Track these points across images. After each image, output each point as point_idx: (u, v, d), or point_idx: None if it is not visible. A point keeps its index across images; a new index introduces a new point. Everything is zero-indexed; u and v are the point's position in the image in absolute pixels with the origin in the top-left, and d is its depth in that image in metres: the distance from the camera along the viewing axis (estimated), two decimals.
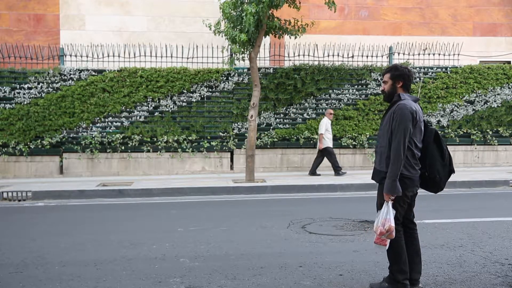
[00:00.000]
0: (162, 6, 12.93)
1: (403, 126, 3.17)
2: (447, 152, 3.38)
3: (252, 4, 8.62)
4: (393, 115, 3.25)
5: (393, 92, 3.40)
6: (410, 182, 3.28)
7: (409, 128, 3.17)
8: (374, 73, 11.22)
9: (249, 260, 4.30)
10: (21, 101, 10.36)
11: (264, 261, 4.27)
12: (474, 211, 6.63)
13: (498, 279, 3.82)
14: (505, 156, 11.59)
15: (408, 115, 3.17)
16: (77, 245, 4.88)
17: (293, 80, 10.92)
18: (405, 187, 3.26)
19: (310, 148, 11.14)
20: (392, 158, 3.18)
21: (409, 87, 3.40)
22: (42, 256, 4.56)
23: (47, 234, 5.51)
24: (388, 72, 3.43)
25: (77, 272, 4.07)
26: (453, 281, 3.76)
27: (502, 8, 13.93)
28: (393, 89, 3.40)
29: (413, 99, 3.34)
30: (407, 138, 3.17)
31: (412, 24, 13.74)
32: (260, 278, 3.82)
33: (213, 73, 10.84)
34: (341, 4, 12.53)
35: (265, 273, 3.94)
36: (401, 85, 3.38)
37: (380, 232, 3.20)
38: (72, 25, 12.67)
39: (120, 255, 4.52)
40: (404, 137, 3.16)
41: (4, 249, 4.81)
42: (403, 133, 3.16)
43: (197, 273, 3.96)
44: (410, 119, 3.17)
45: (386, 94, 3.45)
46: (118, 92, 10.56)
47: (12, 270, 4.13)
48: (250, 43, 9.28)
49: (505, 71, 11.43)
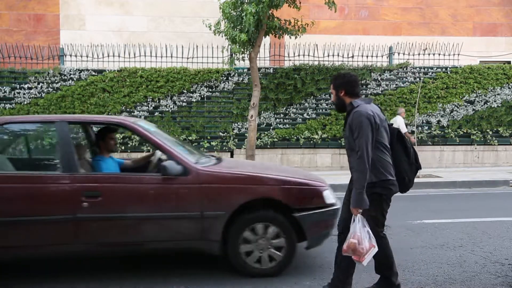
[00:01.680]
0: (162, 6, 12.94)
1: (363, 135, 3.02)
2: (412, 150, 3.33)
3: (252, 4, 8.62)
4: (351, 126, 3.12)
5: (341, 102, 3.31)
6: (395, 188, 3.21)
7: (370, 136, 3.03)
8: (374, 73, 11.22)
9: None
10: (21, 101, 10.36)
11: None
12: (474, 211, 6.62)
13: (498, 279, 3.82)
14: (505, 156, 11.59)
15: (366, 122, 3.04)
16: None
17: (293, 80, 10.92)
18: (391, 193, 3.20)
19: (310, 148, 11.14)
20: (356, 170, 3.03)
21: (354, 93, 3.26)
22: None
23: None
24: (331, 83, 3.39)
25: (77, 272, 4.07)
26: (453, 281, 3.76)
27: (502, 8, 13.93)
28: (338, 99, 3.31)
29: (367, 101, 3.23)
30: (369, 148, 3.02)
31: (412, 24, 13.74)
32: None
33: (213, 73, 10.84)
34: (341, 4, 12.53)
35: None
36: (343, 93, 3.26)
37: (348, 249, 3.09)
38: (72, 25, 12.68)
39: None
40: (367, 147, 3.01)
41: None
42: (364, 144, 3.01)
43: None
44: (369, 125, 3.04)
45: (335, 105, 3.38)
46: (118, 92, 10.56)
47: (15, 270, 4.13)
48: (250, 43, 9.27)
49: (505, 71, 11.43)
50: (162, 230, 3.74)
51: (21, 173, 3.96)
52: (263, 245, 3.81)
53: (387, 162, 3.17)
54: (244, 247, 3.80)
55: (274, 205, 3.85)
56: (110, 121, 4.37)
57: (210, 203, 3.71)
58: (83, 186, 3.64)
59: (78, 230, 3.63)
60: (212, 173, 3.83)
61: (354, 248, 3.06)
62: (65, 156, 3.75)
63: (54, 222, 3.60)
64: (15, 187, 3.64)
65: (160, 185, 3.72)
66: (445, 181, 9.21)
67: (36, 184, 3.66)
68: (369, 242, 3.05)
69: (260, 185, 3.87)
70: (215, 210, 3.72)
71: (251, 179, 3.89)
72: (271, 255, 3.83)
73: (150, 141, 3.96)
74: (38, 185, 3.65)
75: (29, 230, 3.62)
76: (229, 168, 4.07)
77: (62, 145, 3.81)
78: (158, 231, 3.73)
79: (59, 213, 3.60)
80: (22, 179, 3.73)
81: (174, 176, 3.69)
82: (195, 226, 3.73)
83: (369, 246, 3.04)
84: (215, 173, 3.86)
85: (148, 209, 3.71)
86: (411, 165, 3.30)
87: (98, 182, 3.72)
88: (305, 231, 3.84)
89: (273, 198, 3.83)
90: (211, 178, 3.76)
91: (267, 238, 3.81)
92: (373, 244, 3.06)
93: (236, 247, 3.78)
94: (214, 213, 3.71)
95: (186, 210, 3.72)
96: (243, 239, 3.79)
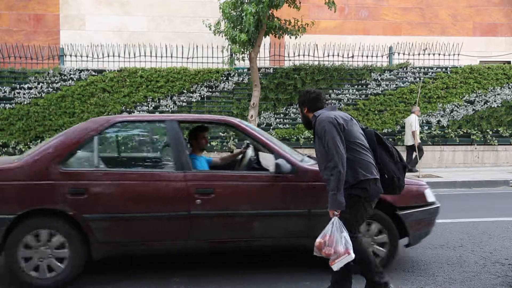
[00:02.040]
0: (162, 6, 12.94)
1: (330, 138, 3.02)
2: (394, 149, 3.34)
3: (252, 4, 8.62)
4: (318, 135, 3.13)
5: (306, 119, 3.41)
6: (375, 188, 3.13)
7: (337, 137, 3.02)
8: (374, 73, 11.22)
9: None
10: (21, 101, 10.36)
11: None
12: (474, 211, 6.63)
13: (498, 279, 3.82)
14: (505, 156, 11.59)
15: (329, 125, 3.05)
16: None
17: (293, 80, 10.92)
18: (371, 194, 3.13)
19: (311, 148, 11.12)
20: (330, 172, 2.99)
21: (316, 108, 3.30)
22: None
23: None
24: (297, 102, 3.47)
25: None
26: (453, 281, 3.76)
27: (502, 8, 13.93)
28: (304, 116, 3.43)
29: (330, 109, 3.27)
30: (340, 148, 2.99)
31: (412, 24, 13.74)
32: None
33: (213, 73, 10.84)
34: (341, 4, 12.53)
35: None
36: (306, 110, 3.36)
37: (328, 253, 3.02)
38: (72, 25, 12.68)
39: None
40: (336, 147, 2.98)
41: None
42: (333, 144, 3.00)
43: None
44: (333, 127, 3.04)
45: (303, 122, 3.50)
46: (118, 92, 10.56)
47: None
48: (250, 43, 9.27)
49: (505, 71, 11.43)
50: (270, 227, 3.83)
51: (138, 171, 3.98)
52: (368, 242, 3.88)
53: (365, 161, 3.12)
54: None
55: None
56: (218, 120, 4.49)
57: (317, 201, 3.77)
58: (196, 183, 3.74)
59: (191, 227, 3.72)
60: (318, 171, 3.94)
61: (319, 248, 3.05)
62: (178, 155, 3.83)
63: (169, 219, 3.70)
64: (133, 184, 3.71)
65: (270, 183, 3.81)
66: (445, 181, 9.21)
67: (152, 181, 3.73)
68: (343, 247, 2.97)
69: None
70: (322, 208, 3.80)
71: None
72: (374, 251, 3.88)
73: (258, 140, 4.04)
74: (154, 183, 3.73)
75: (146, 226, 3.70)
76: None
77: (174, 143, 3.89)
78: (266, 228, 3.82)
79: (175, 210, 3.70)
80: (140, 176, 3.78)
81: (284, 174, 3.77)
82: (302, 224, 3.83)
83: (344, 251, 2.97)
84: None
85: (258, 207, 3.79)
86: (396, 164, 3.30)
87: (211, 179, 3.81)
88: (407, 229, 3.93)
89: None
90: (318, 177, 3.81)
91: (370, 235, 3.90)
92: (349, 250, 2.98)
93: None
94: (320, 210, 3.76)
95: (294, 208, 3.81)
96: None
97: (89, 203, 3.60)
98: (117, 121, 4.04)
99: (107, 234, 3.64)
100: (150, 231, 3.71)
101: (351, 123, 3.19)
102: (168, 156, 4.12)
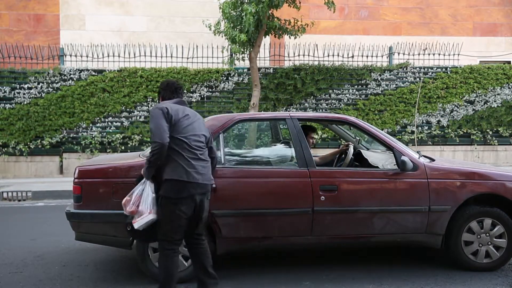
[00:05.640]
0: (162, 6, 12.94)
1: (153, 121, 3.07)
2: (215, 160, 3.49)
3: (252, 4, 8.62)
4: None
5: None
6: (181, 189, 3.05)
7: (162, 124, 3.05)
8: (374, 73, 11.22)
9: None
10: (21, 101, 10.36)
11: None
12: None
13: (498, 279, 3.83)
14: (505, 156, 11.59)
15: (157, 111, 3.11)
16: (77, 245, 4.88)
17: (293, 80, 10.92)
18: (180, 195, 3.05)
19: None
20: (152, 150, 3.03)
21: (171, 95, 3.38)
22: (42, 256, 4.56)
23: (47, 234, 5.51)
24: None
25: (77, 272, 4.07)
26: (453, 281, 3.76)
27: (502, 8, 13.94)
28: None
29: (173, 102, 3.29)
30: (163, 134, 3.01)
31: (412, 24, 13.74)
32: None
33: (213, 73, 10.84)
34: (341, 4, 12.54)
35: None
36: (161, 99, 3.40)
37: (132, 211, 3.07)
38: (72, 25, 12.68)
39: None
40: (157, 129, 3.03)
41: (4, 249, 4.81)
42: (155, 127, 3.04)
43: None
44: (161, 115, 3.08)
45: None
46: (118, 92, 10.56)
47: (12, 270, 4.13)
48: (250, 43, 9.28)
49: (505, 71, 11.43)
50: (390, 224, 3.88)
51: (264, 168, 4.01)
52: (485, 240, 3.94)
53: (177, 162, 3.07)
54: (465, 241, 3.94)
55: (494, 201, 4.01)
56: (337, 119, 4.55)
57: (437, 198, 3.84)
58: (321, 180, 3.81)
59: (314, 223, 3.79)
60: (438, 168, 3.99)
61: (125, 205, 3.08)
62: (301, 152, 3.92)
63: (294, 215, 3.78)
64: (260, 182, 3.79)
65: (392, 180, 3.88)
66: None
67: (278, 178, 3.82)
68: (148, 207, 3.03)
69: (486, 180, 3.99)
70: (442, 205, 3.87)
71: (476, 174, 4.02)
72: (488, 251, 3.94)
73: (377, 138, 4.10)
74: (280, 180, 3.82)
75: (272, 222, 3.77)
76: (451, 164, 4.36)
77: (297, 141, 3.99)
78: (386, 224, 3.87)
79: (300, 206, 3.77)
80: (266, 173, 3.86)
81: (405, 172, 3.84)
82: (421, 220, 3.87)
83: (147, 211, 3.02)
84: (441, 168, 4.01)
85: (380, 203, 3.85)
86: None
87: (335, 176, 3.88)
88: None
89: (498, 194, 3.96)
90: (437, 173, 3.91)
91: (491, 236, 3.94)
92: (151, 210, 3.03)
93: (458, 241, 3.92)
94: (441, 207, 3.84)
95: (415, 204, 3.87)
96: (465, 233, 3.93)
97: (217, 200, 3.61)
98: (240, 119, 4.13)
99: (234, 231, 3.73)
100: (276, 227, 3.78)
101: (189, 120, 3.24)
102: (290, 153, 4.18)
